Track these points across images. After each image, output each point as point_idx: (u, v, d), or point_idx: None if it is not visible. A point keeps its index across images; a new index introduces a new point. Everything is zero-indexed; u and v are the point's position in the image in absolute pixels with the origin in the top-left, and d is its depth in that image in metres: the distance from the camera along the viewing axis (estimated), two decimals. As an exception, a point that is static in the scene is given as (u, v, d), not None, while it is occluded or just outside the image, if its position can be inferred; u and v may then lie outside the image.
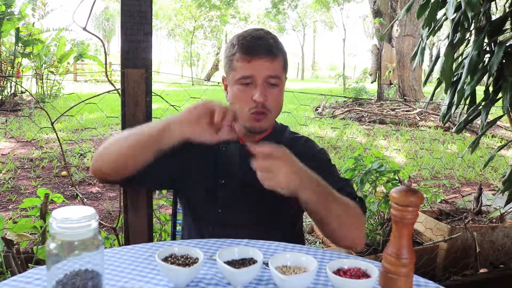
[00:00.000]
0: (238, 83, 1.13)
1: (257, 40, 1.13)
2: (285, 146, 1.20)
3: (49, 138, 5.45)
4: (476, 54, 1.56)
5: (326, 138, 6.45)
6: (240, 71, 1.12)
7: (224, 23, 21.01)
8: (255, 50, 1.11)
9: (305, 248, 1.00)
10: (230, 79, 1.15)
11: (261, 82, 1.11)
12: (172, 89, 11.14)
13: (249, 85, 1.12)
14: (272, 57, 1.12)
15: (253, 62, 1.10)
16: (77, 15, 1.63)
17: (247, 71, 1.11)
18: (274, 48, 1.13)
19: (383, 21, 10.42)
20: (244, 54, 1.11)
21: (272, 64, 1.12)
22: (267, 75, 1.11)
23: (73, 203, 3.35)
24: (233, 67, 1.14)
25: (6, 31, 7.79)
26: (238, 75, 1.12)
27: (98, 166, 1.10)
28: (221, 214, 1.17)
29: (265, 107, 1.12)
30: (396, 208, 0.76)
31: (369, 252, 2.25)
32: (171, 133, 1.00)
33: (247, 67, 1.11)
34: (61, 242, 0.64)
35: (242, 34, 1.17)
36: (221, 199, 1.17)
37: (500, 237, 2.39)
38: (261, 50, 1.11)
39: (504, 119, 2.28)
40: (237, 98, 1.13)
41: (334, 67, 41.29)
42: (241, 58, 1.11)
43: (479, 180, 4.31)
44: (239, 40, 1.14)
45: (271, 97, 1.13)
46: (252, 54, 1.11)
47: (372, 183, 2.23)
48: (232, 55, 1.14)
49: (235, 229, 1.14)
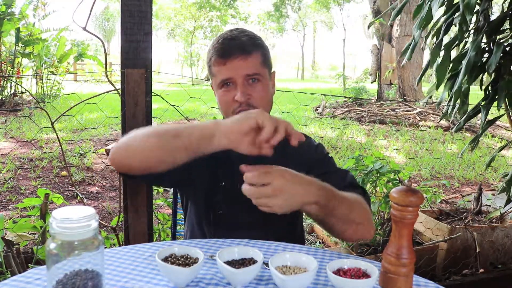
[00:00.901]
0: (219, 87, 1.12)
1: (230, 41, 1.11)
2: (283, 143, 1.20)
3: (49, 138, 5.45)
4: (474, 54, 1.56)
5: (326, 138, 6.45)
6: (218, 75, 1.12)
7: (224, 23, 21.02)
8: (228, 51, 1.10)
9: (305, 248, 1.00)
10: (213, 84, 1.16)
11: (241, 82, 1.10)
12: (172, 89, 11.15)
13: (230, 87, 1.11)
14: (246, 55, 1.10)
15: (228, 64, 1.09)
16: (77, 15, 1.63)
17: (224, 74, 1.10)
18: (247, 46, 1.11)
19: (383, 21, 10.42)
20: (218, 57, 1.10)
21: (246, 62, 1.10)
22: (245, 74, 1.10)
23: (73, 203, 3.35)
24: (212, 72, 1.14)
25: (6, 31, 7.80)
26: (217, 79, 1.12)
27: (122, 158, 1.01)
28: (222, 216, 1.17)
29: (250, 105, 1.10)
30: (396, 208, 0.76)
31: (369, 252, 2.25)
32: (213, 142, 0.90)
33: (224, 70, 1.10)
34: (61, 242, 0.64)
35: (217, 38, 1.15)
36: (222, 201, 1.17)
37: (500, 237, 2.39)
38: (234, 50, 1.09)
39: (504, 119, 2.28)
40: (221, 102, 1.13)
41: (334, 67, 41.30)
42: (217, 62, 1.11)
43: (479, 180, 4.30)
44: (213, 45, 1.13)
45: (255, 94, 1.11)
46: (225, 56, 1.09)
47: (373, 183, 2.23)
48: (210, 60, 1.14)
49: (236, 230, 1.14)
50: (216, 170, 1.19)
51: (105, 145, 5.30)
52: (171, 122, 7.19)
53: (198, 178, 1.19)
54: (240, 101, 1.09)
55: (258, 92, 1.12)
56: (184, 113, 2.20)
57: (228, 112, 1.12)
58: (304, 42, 36.95)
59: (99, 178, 4.04)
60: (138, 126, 1.64)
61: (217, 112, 8.34)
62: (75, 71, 13.69)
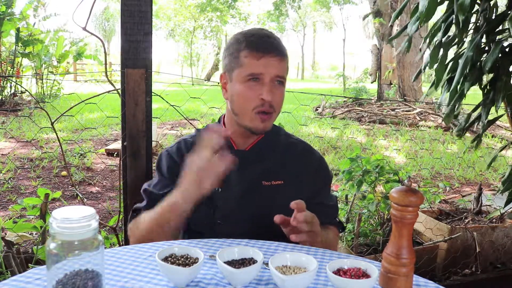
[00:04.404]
0: (244, 80, 1.10)
1: (265, 38, 1.11)
2: (281, 151, 1.21)
3: (49, 138, 5.45)
4: (471, 54, 1.55)
5: (326, 138, 6.45)
6: (248, 68, 1.09)
7: (224, 23, 21.01)
8: (265, 47, 1.09)
9: (305, 248, 1.00)
10: (235, 75, 1.12)
11: (269, 81, 1.09)
12: (172, 89, 11.14)
13: (257, 83, 1.09)
14: (281, 57, 1.11)
15: (263, 59, 1.08)
16: (77, 15, 1.63)
17: (255, 69, 1.08)
18: (282, 48, 1.12)
19: (383, 21, 10.42)
20: (253, 50, 1.09)
21: (280, 63, 1.11)
22: (276, 74, 1.10)
23: (73, 203, 3.35)
24: (239, 63, 1.11)
25: (6, 31, 7.79)
26: (245, 72, 1.09)
27: (139, 242, 1.08)
28: (220, 225, 1.15)
29: (271, 106, 1.11)
30: (396, 208, 0.76)
31: (369, 252, 2.25)
32: (181, 207, 1.01)
33: (256, 64, 1.08)
34: (61, 242, 0.64)
35: (249, 32, 1.14)
36: (220, 209, 1.15)
37: (500, 237, 2.39)
38: (271, 48, 1.10)
39: (504, 119, 2.28)
40: (242, 95, 1.11)
41: (334, 67, 41.28)
42: (250, 55, 1.09)
43: (479, 180, 4.30)
44: (246, 37, 1.11)
45: (277, 97, 1.12)
46: (262, 51, 1.08)
47: (372, 183, 2.23)
48: (238, 51, 1.11)
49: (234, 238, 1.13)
50: None
51: (105, 145, 5.30)
52: (171, 121, 7.20)
53: None
54: (267, 100, 1.09)
55: (279, 96, 1.13)
56: (184, 113, 2.20)
57: (246, 106, 1.11)
58: (304, 42, 36.97)
59: (99, 178, 4.04)
60: (138, 126, 1.64)
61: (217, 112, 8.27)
62: (75, 71, 13.69)
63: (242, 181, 1.15)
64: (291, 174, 1.19)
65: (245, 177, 1.16)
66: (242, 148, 1.20)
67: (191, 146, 1.19)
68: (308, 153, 1.25)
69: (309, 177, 1.21)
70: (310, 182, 1.21)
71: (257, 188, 1.16)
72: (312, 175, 1.22)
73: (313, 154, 1.26)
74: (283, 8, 21.61)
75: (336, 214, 1.29)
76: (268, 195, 1.16)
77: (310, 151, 1.26)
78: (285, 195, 1.16)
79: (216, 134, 1.00)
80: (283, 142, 1.24)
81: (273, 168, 1.19)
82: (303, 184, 1.19)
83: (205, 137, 1.01)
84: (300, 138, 1.30)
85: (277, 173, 1.18)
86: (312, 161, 1.24)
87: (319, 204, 1.20)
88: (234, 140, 1.20)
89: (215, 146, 0.99)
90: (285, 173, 1.19)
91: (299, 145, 1.26)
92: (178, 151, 1.21)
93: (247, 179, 1.16)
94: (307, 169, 1.22)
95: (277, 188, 1.17)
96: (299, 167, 1.21)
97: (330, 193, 1.29)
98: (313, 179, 1.22)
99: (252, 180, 1.16)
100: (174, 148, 1.23)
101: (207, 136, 1.01)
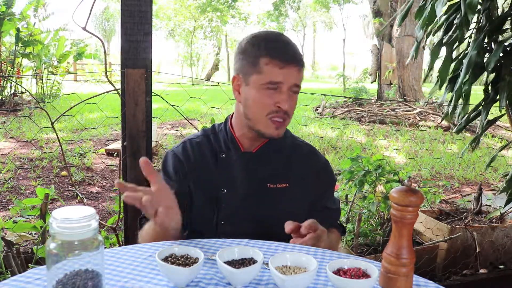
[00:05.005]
0: (263, 87, 1.09)
1: (287, 45, 1.11)
2: (287, 153, 1.21)
3: (49, 138, 5.45)
4: (475, 54, 1.55)
5: (326, 138, 6.45)
6: (268, 75, 1.08)
7: (224, 23, 21.01)
8: (288, 57, 1.09)
9: (305, 248, 1.00)
10: (252, 81, 1.11)
11: (287, 90, 1.10)
12: (172, 89, 11.14)
13: (275, 91, 1.10)
14: (300, 67, 1.12)
15: (285, 69, 1.08)
16: (77, 15, 1.63)
17: (277, 77, 1.08)
18: (301, 57, 1.13)
19: (383, 21, 10.42)
20: (275, 59, 1.08)
21: (299, 73, 1.12)
22: (294, 83, 1.10)
23: (73, 203, 3.35)
24: (258, 70, 1.09)
25: (6, 31, 7.79)
26: (265, 79, 1.09)
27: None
28: (224, 226, 1.15)
29: (286, 113, 1.12)
30: (396, 208, 0.76)
31: (369, 252, 2.25)
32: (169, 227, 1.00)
33: (278, 73, 1.08)
34: (61, 242, 0.64)
35: (269, 37, 1.13)
36: (224, 209, 1.15)
37: (500, 237, 2.39)
38: (293, 59, 1.10)
39: (504, 119, 2.28)
40: (259, 101, 1.10)
41: (334, 67, 41.26)
42: (271, 63, 1.08)
43: (479, 180, 4.30)
44: (267, 42, 1.11)
45: (291, 106, 1.13)
46: (285, 60, 1.08)
47: (372, 183, 2.23)
48: (257, 57, 1.10)
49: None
50: (217, 177, 1.17)
51: (105, 145, 5.30)
52: (171, 121, 7.19)
53: (200, 188, 1.17)
54: (284, 109, 1.10)
55: (293, 104, 1.14)
56: (184, 113, 2.20)
57: (262, 112, 1.11)
58: (304, 42, 36.97)
59: (99, 178, 4.04)
60: (138, 126, 1.64)
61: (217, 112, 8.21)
62: (75, 71, 13.69)
63: (247, 183, 1.16)
64: (297, 176, 1.20)
65: (250, 179, 1.16)
66: (249, 150, 1.20)
67: (196, 146, 1.20)
68: (313, 156, 1.26)
69: (314, 180, 1.21)
70: (315, 185, 1.21)
71: (262, 190, 1.16)
72: (317, 178, 1.22)
73: (319, 157, 1.26)
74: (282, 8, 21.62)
75: (339, 217, 1.29)
76: (273, 198, 1.16)
77: (315, 154, 1.27)
78: (290, 197, 1.17)
79: (142, 166, 0.97)
80: (289, 144, 1.25)
81: (279, 171, 1.19)
82: (308, 186, 1.20)
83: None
84: (306, 141, 1.30)
85: (283, 175, 1.19)
86: (317, 164, 1.25)
87: (323, 207, 1.21)
88: (241, 142, 1.20)
89: (146, 176, 0.97)
90: (291, 175, 1.19)
91: (305, 147, 1.26)
92: (184, 151, 1.21)
93: (252, 181, 1.16)
94: (312, 172, 1.22)
95: (282, 191, 1.17)
96: (304, 169, 1.21)
97: (334, 197, 1.29)
98: (318, 182, 1.22)
99: (258, 182, 1.16)
100: (179, 148, 1.22)
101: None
